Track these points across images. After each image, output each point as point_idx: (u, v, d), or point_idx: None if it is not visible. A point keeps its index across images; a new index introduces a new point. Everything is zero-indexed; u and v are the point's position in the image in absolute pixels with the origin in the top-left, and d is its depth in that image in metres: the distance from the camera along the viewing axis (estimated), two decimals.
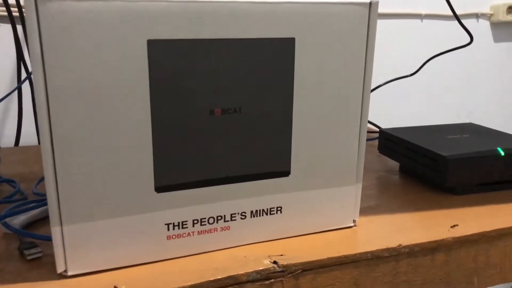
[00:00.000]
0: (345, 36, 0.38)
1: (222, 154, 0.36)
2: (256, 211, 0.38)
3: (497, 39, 1.37)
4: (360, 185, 0.42)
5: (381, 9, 1.24)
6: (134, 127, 0.33)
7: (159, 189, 0.35)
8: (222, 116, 0.35)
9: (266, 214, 0.39)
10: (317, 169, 0.39)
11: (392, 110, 1.26)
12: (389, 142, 0.59)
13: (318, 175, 0.40)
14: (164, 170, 0.35)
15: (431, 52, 1.02)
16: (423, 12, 1.28)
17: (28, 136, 0.83)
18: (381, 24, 1.25)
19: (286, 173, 0.39)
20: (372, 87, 0.87)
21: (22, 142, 0.81)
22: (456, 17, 0.77)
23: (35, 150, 0.72)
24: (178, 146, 0.35)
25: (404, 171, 0.58)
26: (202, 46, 0.34)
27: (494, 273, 0.43)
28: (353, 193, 0.42)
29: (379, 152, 0.61)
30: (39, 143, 0.83)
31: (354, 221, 0.42)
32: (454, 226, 0.42)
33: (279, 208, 0.39)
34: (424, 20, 1.29)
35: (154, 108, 0.33)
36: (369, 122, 0.86)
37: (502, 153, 0.50)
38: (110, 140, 0.33)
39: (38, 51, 0.30)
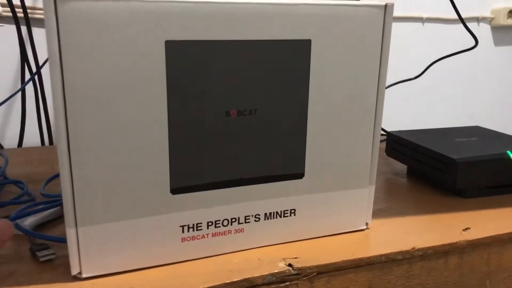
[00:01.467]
0: (361, 38, 0.37)
1: (237, 155, 0.36)
2: (270, 213, 0.38)
3: (497, 43, 1.38)
4: (373, 188, 0.42)
5: None
6: (151, 128, 0.33)
7: (174, 190, 0.35)
8: (237, 118, 0.35)
9: (280, 216, 0.39)
10: (330, 171, 0.39)
11: (393, 113, 1.26)
12: (397, 144, 0.59)
13: (332, 177, 0.40)
14: (179, 172, 0.34)
15: (433, 55, 1.02)
16: (425, 15, 1.28)
17: (31, 137, 0.82)
18: None
19: (300, 175, 0.38)
20: None
21: (25, 143, 0.81)
22: (462, 20, 0.77)
23: (38, 151, 0.71)
24: (194, 147, 0.34)
25: (412, 173, 0.58)
26: (219, 47, 0.33)
27: (506, 276, 0.43)
28: (366, 196, 0.41)
29: (387, 154, 0.61)
30: (42, 144, 0.82)
31: (366, 224, 0.42)
32: (466, 229, 0.42)
33: (292, 211, 0.39)
34: (425, 24, 1.30)
35: (171, 109, 0.33)
36: None
37: None
38: (127, 141, 0.32)
39: (56, 51, 0.29)
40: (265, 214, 0.38)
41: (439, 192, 0.52)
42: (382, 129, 0.83)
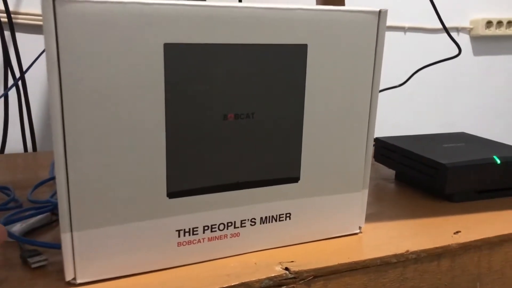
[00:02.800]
0: (355, 43, 0.38)
1: (233, 159, 0.36)
2: (266, 217, 0.38)
3: (476, 52, 1.42)
4: (366, 192, 0.42)
5: None
6: (148, 132, 0.32)
7: (171, 194, 0.34)
8: (234, 121, 0.35)
9: (276, 220, 0.39)
10: (325, 175, 0.40)
11: (378, 120, 1.28)
12: (385, 150, 0.59)
13: (326, 181, 0.40)
14: (176, 176, 0.34)
15: (415, 64, 1.04)
16: (407, 25, 1.31)
17: (14, 144, 0.80)
18: None
19: (296, 179, 0.39)
20: None
21: (7, 150, 0.79)
22: (446, 29, 0.79)
23: (22, 158, 0.70)
24: (191, 151, 0.34)
25: (400, 179, 0.59)
26: (217, 51, 0.33)
27: (496, 278, 0.44)
28: (360, 200, 0.42)
29: (375, 160, 0.62)
30: (25, 150, 0.81)
31: (360, 227, 0.43)
32: (457, 232, 0.43)
33: (288, 215, 0.39)
34: (407, 33, 1.32)
35: (169, 112, 0.33)
36: None
37: (498, 161, 0.51)
38: (124, 144, 0.32)
39: (54, 53, 0.29)
40: (261, 218, 0.38)
41: (428, 196, 0.53)
42: None
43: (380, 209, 0.49)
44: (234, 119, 0.35)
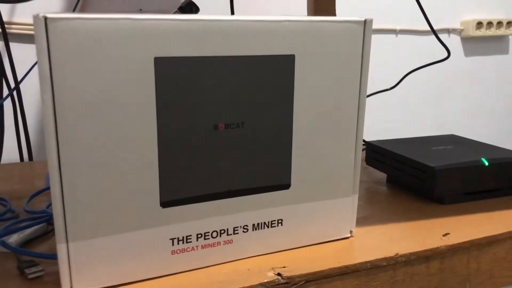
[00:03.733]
0: (342, 52, 0.39)
1: (225, 168, 0.37)
2: (258, 224, 0.39)
3: (467, 53, 1.43)
4: (356, 196, 0.43)
5: None
6: (141, 144, 0.33)
7: (164, 204, 0.35)
8: (225, 131, 0.36)
9: (268, 226, 0.40)
10: (315, 181, 0.40)
11: (370, 123, 1.29)
12: (376, 154, 0.60)
13: (317, 187, 0.41)
14: (169, 185, 0.35)
15: (407, 66, 1.05)
16: (398, 27, 1.32)
17: (10, 154, 0.81)
18: None
19: (287, 186, 0.39)
20: None
21: (3, 160, 0.79)
22: (434, 32, 0.80)
23: (18, 168, 0.71)
24: (184, 160, 0.35)
25: (391, 182, 0.60)
26: (207, 63, 0.34)
27: (485, 279, 0.45)
28: (350, 204, 0.43)
29: (366, 163, 0.63)
30: (21, 160, 0.81)
31: (351, 231, 0.43)
32: (446, 234, 0.44)
33: (279, 221, 0.40)
34: (399, 35, 1.34)
35: (160, 124, 0.34)
36: None
37: (487, 163, 0.52)
38: (118, 157, 0.33)
39: (47, 69, 0.30)
40: (253, 225, 0.39)
41: (418, 199, 0.54)
42: None
43: (371, 213, 0.50)
44: (225, 129, 0.36)
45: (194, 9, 0.90)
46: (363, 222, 0.47)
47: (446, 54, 0.82)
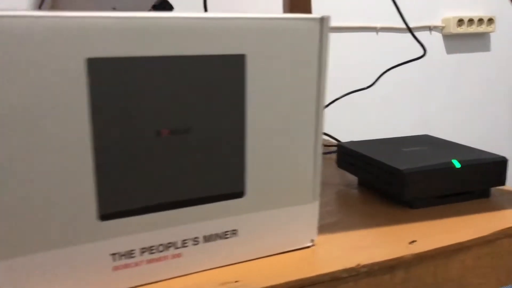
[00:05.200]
0: (297, 51, 0.37)
1: (171, 177, 0.34)
2: (210, 235, 0.37)
3: (449, 50, 1.42)
4: (317, 203, 0.41)
5: (337, 23, 1.26)
6: (73, 152, 0.31)
7: (103, 217, 0.33)
8: (170, 137, 0.33)
9: (221, 238, 0.37)
10: (272, 188, 0.38)
11: (351, 123, 1.27)
12: (347, 156, 0.58)
13: (274, 194, 0.38)
14: (108, 197, 0.32)
15: (388, 64, 1.03)
16: (378, 25, 1.30)
17: None
18: (337, 37, 1.27)
19: (241, 194, 0.37)
20: (330, 100, 0.87)
21: None
22: (410, 30, 0.78)
23: None
24: (123, 170, 0.32)
25: (363, 185, 0.58)
26: (146, 64, 0.32)
27: (453, 287, 0.43)
28: (310, 212, 0.40)
29: (338, 166, 0.61)
30: None
31: (312, 240, 0.41)
32: (413, 242, 0.42)
33: (234, 231, 0.37)
34: (379, 33, 1.32)
35: (95, 130, 0.31)
36: (328, 135, 0.86)
37: (458, 165, 0.50)
38: (48, 165, 0.30)
39: None
40: (204, 236, 0.36)
41: (389, 203, 0.52)
42: (335, 139, 0.83)
43: (337, 218, 0.48)
44: (170, 135, 0.33)
45: (167, 7, 0.88)
46: (328, 228, 0.45)
47: (429, 51, 0.81)
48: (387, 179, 0.51)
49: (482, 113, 1.50)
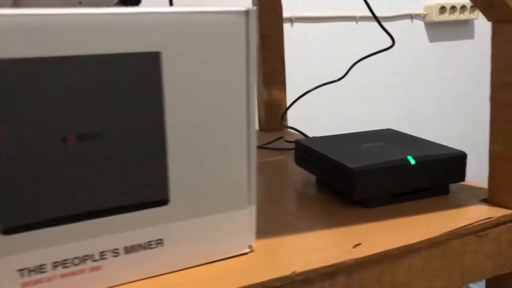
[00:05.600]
0: (221, 47, 0.34)
1: (84, 185, 0.32)
2: (132, 246, 0.34)
3: (432, 39, 1.39)
4: (254, 207, 0.38)
5: (315, 13, 1.23)
6: None
7: (7, 231, 0.30)
8: (78, 143, 0.31)
9: (144, 248, 0.35)
10: (201, 194, 0.36)
11: (330, 116, 1.24)
12: (303, 153, 0.56)
13: (203, 201, 0.36)
14: (11, 210, 0.30)
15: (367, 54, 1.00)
16: (358, 14, 1.27)
17: None
18: (316, 27, 1.24)
19: (164, 201, 0.35)
20: (302, 92, 0.84)
21: None
22: (377, 20, 0.75)
23: None
24: (27, 179, 0.30)
25: (320, 184, 0.56)
26: (48, 65, 0.29)
27: None
28: (246, 217, 0.38)
29: (296, 163, 0.58)
30: None
31: (250, 246, 0.39)
32: (357, 245, 0.40)
33: (159, 241, 0.35)
34: (359, 22, 1.29)
35: None
36: (297, 130, 0.83)
37: (413, 162, 0.48)
38: None
39: None
40: (125, 247, 0.34)
41: (343, 203, 0.49)
42: (303, 135, 0.80)
43: (287, 220, 0.45)
44: (77, 141, 0.31)
45: (135, 1, 0.85)
46: (273, 231, 0.43)
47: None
48: (340, 178, 0.48)
49: (468, 102, 1.48)
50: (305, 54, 1.17)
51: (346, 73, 0.85)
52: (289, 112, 1.07)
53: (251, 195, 0.38)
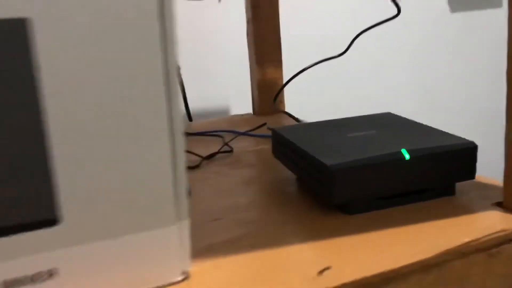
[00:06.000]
0: (121, 11, 0.25)
1: None
2: (14, 280, 0.26)
3: (454, 8, 1.25)
4: (186, 223, 0.29)
5: None
6: None
7: None
8: None
9: (33, 281, 0.26)
10: (108, 210, 0.27)
11: (338, 97, 1.13)
12: (280, 145, 0.46)
13: (111, 218, 0.27)
14: None
15: (382, 27, 0.89)
16: None
17: None
18: None
19: (52, 221, 0.26)
20: (299, 70, 0.74)
21: None
22: None
23: None
24: None
25: (300, 181, 0.46)
26: None
27: None
28: (176, 236, 0.29)
29: (274, 156, 0.49)
30: None
31: (184, 273, 0.30)
32: (324, 270, 0.30)
33: (51, 272, 0.27)
34: None
35: None
36: (289, 115, 0.74)
37: (407, 156, 0.38)
38: None
39: None
40: (5, 281, 0.26)
41: (322, 208, 0.40)
42: (296, 120, 0.71)
43: (246, 231, 0.36)
44: None
45: None
46: (224, 247, 0.34)
47: (397, 12, 0.67)
48: (316, 177, 0.39)
49: (491, 80, 1.34)
50: (303, 26, 1.06)
51: (348, 48, 0.74)
52: (286, 94, 0.96)
53: (180, 207, 0.29)
